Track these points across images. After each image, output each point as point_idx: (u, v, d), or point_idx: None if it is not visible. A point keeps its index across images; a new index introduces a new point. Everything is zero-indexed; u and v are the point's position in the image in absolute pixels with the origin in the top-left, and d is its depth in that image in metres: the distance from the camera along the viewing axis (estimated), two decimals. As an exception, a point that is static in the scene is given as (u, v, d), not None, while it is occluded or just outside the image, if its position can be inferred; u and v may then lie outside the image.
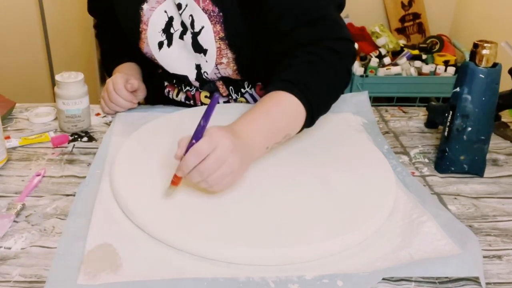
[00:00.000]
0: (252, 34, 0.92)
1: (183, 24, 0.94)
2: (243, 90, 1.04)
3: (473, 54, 0.79)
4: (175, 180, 0.69)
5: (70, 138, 0.92)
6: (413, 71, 2.19)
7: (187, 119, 0.94)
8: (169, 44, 0.97)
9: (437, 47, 2.26)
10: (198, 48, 0.95)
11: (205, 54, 0.95)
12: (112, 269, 0.59)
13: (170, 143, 0.84)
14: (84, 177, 0.78)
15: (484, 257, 0.64)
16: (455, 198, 0.77)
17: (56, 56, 2.58)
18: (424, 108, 1.04)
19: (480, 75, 0.78)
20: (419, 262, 0.61)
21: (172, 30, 0.96)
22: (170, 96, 1.10)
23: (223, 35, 0.91)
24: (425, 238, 0.65)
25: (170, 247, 0.63)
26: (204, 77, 0.99)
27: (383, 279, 0.59)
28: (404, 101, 2.17)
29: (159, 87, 1.11)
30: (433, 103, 1.00)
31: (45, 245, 0.64)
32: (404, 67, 2.20)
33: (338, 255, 0.63)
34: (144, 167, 0.77)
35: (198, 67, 0.98)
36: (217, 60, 0.95)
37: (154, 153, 0.81)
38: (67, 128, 0.94)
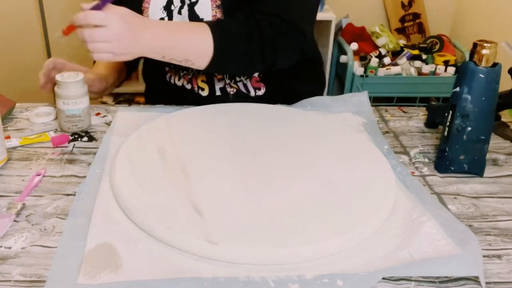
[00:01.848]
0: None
1: None
2: (237, 79, 1.05)
3: (473, 54, 0.79)
4: (66, 31, 0.81)
5: (70, 138, 0.92)
6: (413, 71, 2.19)
7: (187, 118, 0.94)
8: (170, 20, 0.99)
9: (437, 47, 2.26)
10: (194, 19, 0.97)
11: None
12: (112, 269, 0.59)
13: (170, 143, 0.84)
14: (84, 176, 0.79)
15: (484, 256, 0.64)
16: (455, 198, 0.77)
17: (56, 56, 2.59)
18: (424, 108, 1.05)
19: (480, 75, 0.78)
20: (419, 261, 0.61)
21: (172, 7, 0.99)
22: (172, 81, 1.11)
23: (220, 2, 0.95)
24: (425, 238, 0.65)
25: (170, 247, 0.63)
26: None
27: (383, 278, 0.59)
28: (404, 101, 2.18)
29: (161, 73, 1.12)
30: (433, 103, 1.00)
31: (45, 244, 0.64)
32: (404, 67, 2.20)
33: (338, 255, 0.63)
34: (144, 167, 0.77)
35: None
36: None
37: (154, 153, 0.81)
38: (67, 128, 0.94)
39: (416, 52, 2.24)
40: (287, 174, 0.77)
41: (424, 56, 2.24)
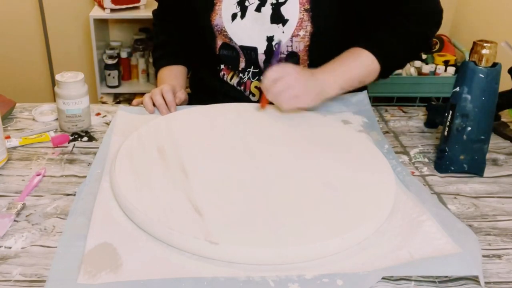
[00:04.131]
0: (337, 10, 0.99)
1: None
2: None
3: (473, 53, 0.79)
4: (262, 104, 0.95)
5: (70, 137, 0.92)
6: (413, 71, 2.19)
7: (187, 118, 0.94)
8: (242, 16, 1.02)
9: (437, 47, 2.26)
10: (278, 18, 0.99)
11: (284, 25, 0.99)
12: (112, 268, 0.59)
13: (170, 143, 0.84)
14: (85, 176, 0.79)
15: (484, 256, 0.64)
16: (455, 198, 0.77)
17: (56, 56, 2.59)
18: (424, 108, 1.05)
19: (480, 75, 0.78)
20: (419, 261, 0.61)
21: (247, 3, 1.01)
22: (225, 79, 1.13)
23: (309, 6, 0.97)
24: (425, 237, 0.65)
25: (170, 246, 0.63)
26: (274, 49, 1.02)
27: (383, 278, 0.59)
28: (404, 101, 2.17)
29: (215, 69, 1.14)
30: (433, 103, 1.00)
31: (45, 244, 0.64)
32: (404, 67, 2.20)
33: (338, 255, 0.63)
34: (144, 167, 0.77)
35: (270, 39, 1.02)
36: (294, 32, 0.99)
37: (154, 153, 0.81)
38: (67, 128, 0.95)
39: (416, 52, 2.24)
40: (287, 174, 0.77)
41: (424, 56, 2.24)
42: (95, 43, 2.33)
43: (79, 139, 0.92)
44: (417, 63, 2.22)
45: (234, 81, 1.12)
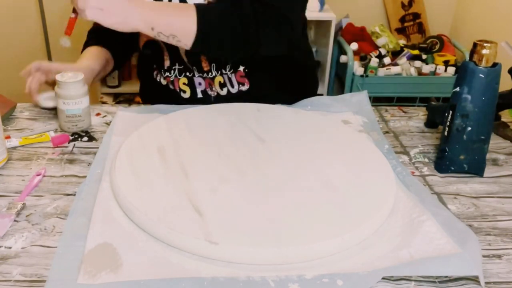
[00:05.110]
0: None
1: None
2: (223, 71, 1.05)
3: (473, 54, 0.79)
4: (68, 30, 0.90)
5: (71, 137, 0.92)
6: (413, 71, 2.19)
7: (187, 118, 0.94)
8: None
9: (437, 47, 2.26)
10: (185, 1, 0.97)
11: None
12: (112, 268, 0.59)
13: (170, 143, 0.84)
14: (85, 176, 0.79)
15: (484, 256, 0.64)
16: (455, 198, 0.77)
17: (56, 56, 2.59)
18: (424, 108, 1.05)
19: (480, 75, 0.78)
20: (419, 261, 0.61)
21: None
22: (158, 79, 1.13)
23: None
24: (425, 238, 0.65)
25: (170, 246, 0.63)
26: None
27: (383, 278, 0.59)
28: (404, 101, 2.18)
29: (150, 71, 1.14)
30: (433, 103, 1.00)
31: (45, 244, 0.64)
32: (404, 67, 2.20)
33: (338, 255, 0.63)
34: (144, 167, 0.77)
35: None
36: None
37: (154, 153, 0.81)
38: (68, 128, 0.95)
39: (416, 52, 2.24)
40: (287, 174, 0.77)
41: (424, 56, 2.24)
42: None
43: (79, 139, 0.92)
44: (417, 63, 2.22)
45: (166, 81, 1.12)
